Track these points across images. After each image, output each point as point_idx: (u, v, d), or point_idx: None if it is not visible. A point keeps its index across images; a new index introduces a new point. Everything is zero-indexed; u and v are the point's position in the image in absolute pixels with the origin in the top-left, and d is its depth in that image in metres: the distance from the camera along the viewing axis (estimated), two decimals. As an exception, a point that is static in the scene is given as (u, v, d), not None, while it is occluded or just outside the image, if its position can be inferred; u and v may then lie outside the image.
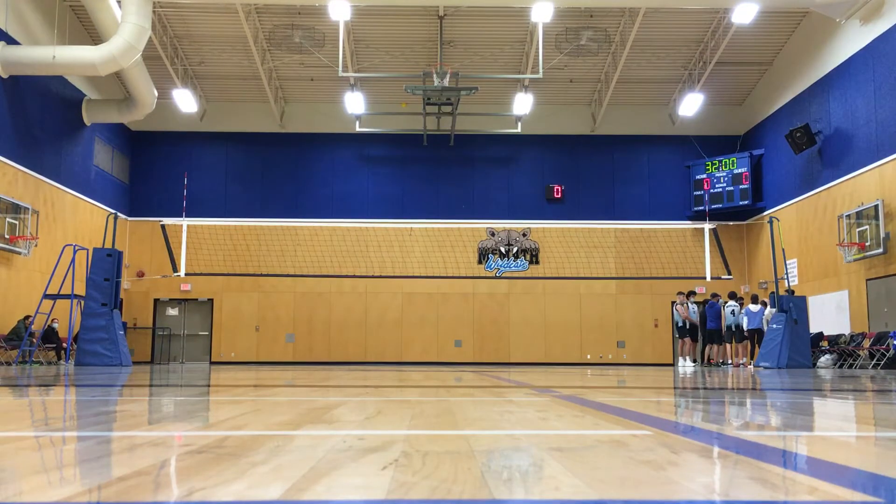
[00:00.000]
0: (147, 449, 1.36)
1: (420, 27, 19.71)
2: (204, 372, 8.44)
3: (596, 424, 1.88)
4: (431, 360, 21.48)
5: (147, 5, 16.04)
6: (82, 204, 19.56)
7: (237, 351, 21.72)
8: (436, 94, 18.58)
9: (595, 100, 22.50)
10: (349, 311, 22.02)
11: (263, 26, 19.51)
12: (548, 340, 21.96)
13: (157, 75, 19.69)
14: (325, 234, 20.61)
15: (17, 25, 16.64)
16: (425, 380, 5.24)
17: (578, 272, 20.28)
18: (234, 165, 22.51)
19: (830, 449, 1.48)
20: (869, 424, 2.02)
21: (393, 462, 1.14)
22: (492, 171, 22.67)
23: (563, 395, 3.14)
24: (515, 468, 1.15)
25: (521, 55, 20.83)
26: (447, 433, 1.61)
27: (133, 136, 22.37)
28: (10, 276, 16.41)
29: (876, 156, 16.23)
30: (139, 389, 4.00)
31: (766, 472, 1.11)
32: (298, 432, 1.59)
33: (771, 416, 2.30)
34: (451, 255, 20.99)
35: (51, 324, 15.38)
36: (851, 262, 16.95)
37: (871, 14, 16.36)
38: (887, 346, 14.66)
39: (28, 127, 17.11)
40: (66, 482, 1.02)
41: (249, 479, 1.00)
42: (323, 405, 2.44)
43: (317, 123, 22.58)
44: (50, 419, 2.09)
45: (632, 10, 18.60)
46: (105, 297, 13.29)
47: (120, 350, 13.10)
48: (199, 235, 19.06)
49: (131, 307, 21.65)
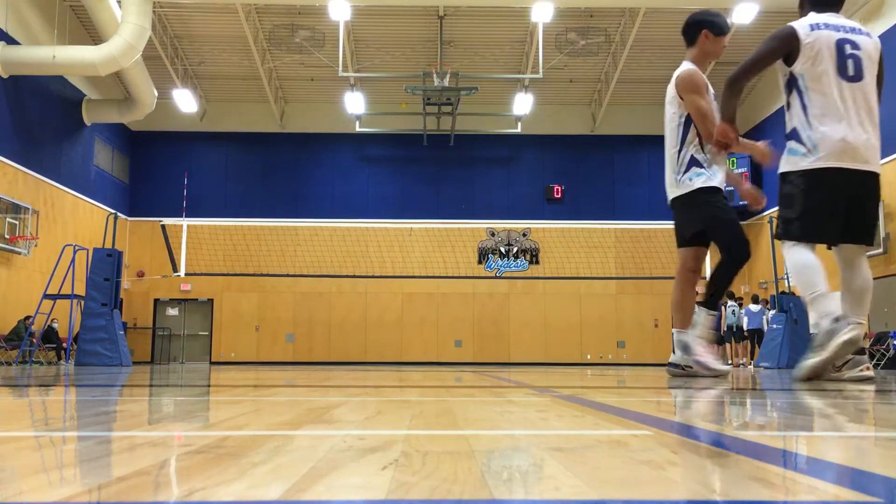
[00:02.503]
0: (147, 449, 1.36)
1: (420, 27, 19.72)
2: (204, 372, 8.45)
3: (596, 424, 1.88)
4: (431, 360, 21.49)
5: (147, 5, 16.05)
6: (82, 204, 19.56)
7: (237, 351, 21.73)
8: (436, 94, 18.59)
9: (595, 100, 22.51)
10: (349, 311, 22.02)
11: (263, 26, 19.51)
12: (548, 340, 21.96)
13: (157, 75, 19.70)
14: (325, 234, 20.61)
15: (17, 25, 16.64)
16: (425, 380, 5.25)
17: (578, 272, 20.28)
18: (234, 165, 22.51)
19: (830, 449, 1.49)
20: (869, 424, 2.03)
21: (393, 462, 1.14)
22: (492, 171, 22.68)
23: (563, 395, 3.15)
24: (515, 468, 1.15)
25: (521, 55, 20.83)
26: (447, 433, 1.61)
27: (133, 136, 22.37)
28: (10, 276, 16.41)
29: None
30: (139, 389, 4.01)
31: (766, 472, 1.11)
32: (298, 432, 1.59)
33: (771, 416, 2.30)
34: (451, 255, 21.00)
35: (51, 324, 15.38)
36: (851, 262, 16.96)
37: (871, 14, 16.37)
38: (887, 347, 14.67)
39: (28, 127, 17.12)
40: (66, 482, 1.02)
41: (249, 479, 1.00)
42: (323, 405, 2.44)
43: (317, 123, 22.59)
44: (50, 419, 2.09)
45: (632, 10, 18.61)
46: (105, 297, 13.29)
47: (120, 350, 13.10)
48: (199, 235, 19.06)
49: (131, 307, 21.66)
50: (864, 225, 4.32)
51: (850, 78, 4.20)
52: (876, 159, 4.21)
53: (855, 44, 4.26)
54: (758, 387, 4.37)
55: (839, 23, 4.34)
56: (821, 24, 4.31)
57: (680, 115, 4.95)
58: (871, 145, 4.19)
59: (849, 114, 4.16)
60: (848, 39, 4.26)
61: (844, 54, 4.22)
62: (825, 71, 4.22)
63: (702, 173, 4.85)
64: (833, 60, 4.22)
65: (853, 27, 4.35)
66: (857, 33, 4.32)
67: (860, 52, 4.24)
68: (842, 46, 4.23)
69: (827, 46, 4.24)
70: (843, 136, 4.14)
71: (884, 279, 15.99)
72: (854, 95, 4.20)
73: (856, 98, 4.20)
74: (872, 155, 4.18)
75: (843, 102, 4.18)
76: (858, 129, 4.16)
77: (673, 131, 4.96)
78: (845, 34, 4.27)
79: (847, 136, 4.14)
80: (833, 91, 4.20)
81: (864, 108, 4.19)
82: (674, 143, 4.94)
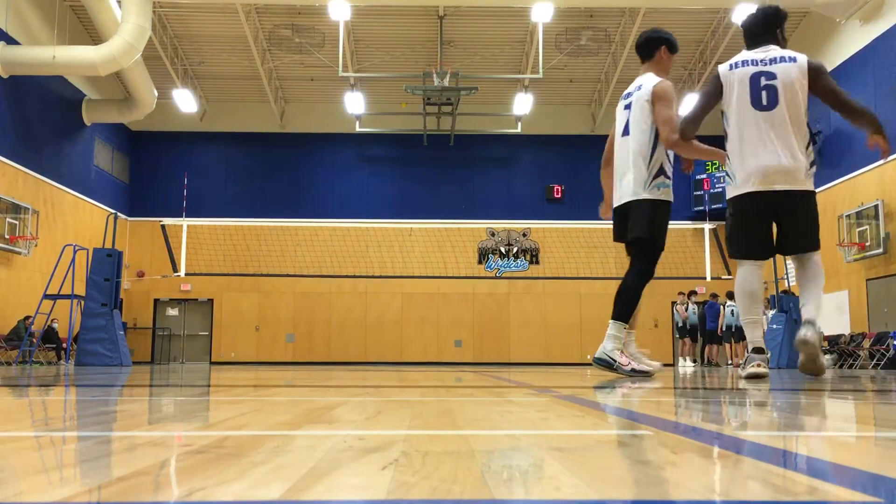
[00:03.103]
0: (147, 449, 1.36)
1: (420, 27, 19.72)
2: (204, 372, 8.45)
3: (596, 424, 1.88)
4: (431, 360, 21.49)
5: (147, 5, 16.05)
6: (82, 204, 19.56)
7: (237, 351, 21.73)
8: (436, 94, 18.59)
9: (595, 100, 22.50)
10: (349, 311, 22.02)
11: (263, 26, 19.51)
12: (548, 340, 21.96)
13: (157, 75, 19.70)
14: (325, 234, 20.60)
15: (17, 25, 16.64)
16: (425, 380, 5.25)
17: (578, 272, 20.28)
18: (234, 165, 22.51)
19: (830, 449, 1.49)
20: (869, 424, 2.03)
21: (393, 462, 1.14)
22: (492, 171, 22.68)
23: (562, 395, 3.15)
24: (515, 468, 1.15)
25: (521, 55, 20.83)
26: (447, 433, 1.61)
27: (133, 136, 22.37)
28: (10, 276, 16.41)
29: (876, 156, 16.12)
30: (139, 389, 4.01)
31: (767, 472, 1.11)
32: (298, 432, 1.59)
33: (771, 416, 2.30)
34: (451, 255, 20.99)
35: (51, 324, 15.38)
36: (851, 262, 16.96)
37: (871, 14, 16.37)
38: (887, 347, 14.66)
39: (28, 127, 17.12)
40: (66, 482, 1.02)
41: (249, 479, 1.00)
42: (323, 405, 2.44)
43: (317, 123, 22.59)
44: (50, 419, 2.09)
45: (632, 10, 18.61)
46: (105, 298, 13.28)
47: (120, 350, 13.10)
48: (199, 235, 19.06)
49: (131, 307, 21.66)
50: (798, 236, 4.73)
51: (764, 107, 4.60)
52: (796, 178, 4.58)
53: (771, 74, 4.64)
54: (759, 387, 4.38)
55: (760, 57, 4.74)
56: (740, 63, 4.78)
57: (652, 123, 5.36)
58: (790, 167, 4.57)
59: (765, 141, 4.58)
60: (763, 72, 4.66)
61: (759, 86, 4.63)
62: (741, 105, 4.68)
63: (667, 184, 5.31)
64: (747, 94, 4.66)
65: (776, 57, 4.70)
66: (777, 63, 4.68)
67: (776, 81, 4.62)
68: (756, 79, 4.65)
69: (740, 82, 4.69)
70: (759, 164, 4.58)
71: (884, 279, 15.99)
72: (771, 123, 4.58)
73: (773, 125, 4.58)
74: (792, 175, 4.57)
75: (759, 132, 4.59)
76: (775, 154, 4.56)
77: (643, 135, 5.34)
78: (763, 67, 4.68)
79: (763, 163, 4.57)
80: (749, 122, 4.63)
81: (782, 133, 4.57)
82: (644, 149, 5.32)
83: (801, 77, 4.64)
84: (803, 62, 4.68)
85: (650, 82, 5.44)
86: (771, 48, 4.78)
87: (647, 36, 5.65)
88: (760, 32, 4.87)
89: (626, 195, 5.38)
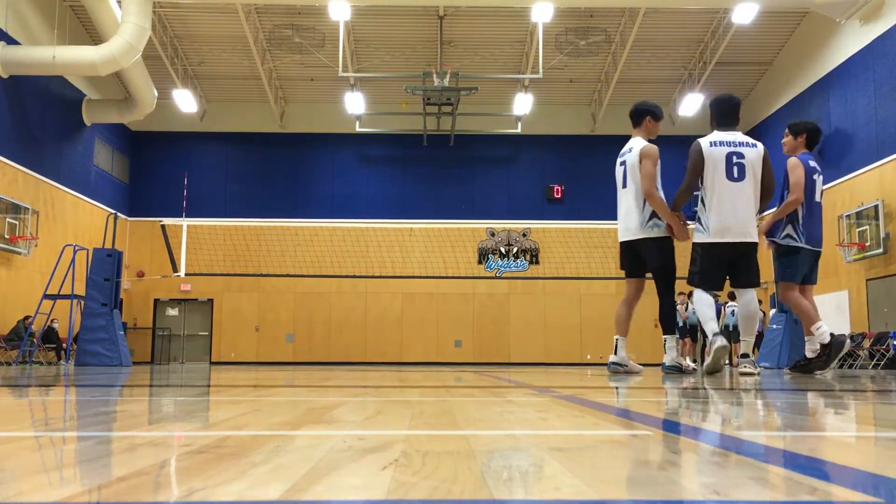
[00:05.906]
0: (147, 449, 1.36)
1: (420, 27, 19.72)
2: (204, 372, 8.45)
3: (596, 424, 1.88)
4: (431, 360, 21.49)
5: (147, 5, 16.05)
6: (82, 204, 19.56)
7: (237, 351, 21.73)
8: (436, 94, 18.58)
9: (595, 100, 22.50)
10: (349, 311, 22.02)
11: (263, 26, 19.51)
12: (548, 340, 21.96)
13: (157, 75, 19.69)
14: (325, 234, 20.59)
15: (17, 25, 16.64)
16: (425, 380, 5.25)
17: (578, 272, 20.27)
18: (234, 165, 22.51)
19: (830, 449, 1.48)
20: (869, 424, 2.03)
21: (393, 462, 1.14)
22: (492, 172, 22.68)
23: (562, 395, 3.15)
24: (515, 468, 1.15)
25: (521, 55, 20.83)
26: (447, 433, 1.61)
27: (133, 136, 22.38)
28: (10, 276, 16.41)
29: (876, 156, 16.23)
30: (139, 389, 4.01)
31: (766, 472, 1.11)
32: (298, 432, 1.59)
33: (771, 416, 2.30)
34: (451, 255, 20.99)
35: (51, 324, 15.38)
36: (851, 262, 16.96)
37: (871, 14, 16.36)
38: (887, 347, 14.66)
39: (28, 127, 17.12)
40: (66, 482, 1.02)
41: (250, 479, 1.00)
42: (323, 405, 2.44)
43: (317, 123, 22.59)
44: (50, 419, 2.09)
45: (632, 10, 18.61)
46: (105, 298, 13.29)
47: (120, 350, 13.10)
48: (199, 235, 19.05)
49: (131, 307, 21.66)
50: (746, 275, 6.25)
51: (734, 179, 6.05)
52: (750, 232, 6.10)
53: (741, 154, 6.10)
54: (757, 387, 4.38)
55: (732, 139, 6.16)
56: (717, 142, 6.17)
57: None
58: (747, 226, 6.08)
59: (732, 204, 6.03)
60: (736, 152, 6.10)
61: (732, 163, 6.07)
62: (717, 176, 6.06)
63: (660, 224, 6.59)
64: (723, 168, 6.05)
65: (742, 142, 6.17)
66: (745, 146, 6.13)
67: (745, 160, 6.09)
68: (730, 157, 6.09)
69: (720, 159, 6.08)
70: (725, 221, 6.04)
71: (884, 279, 15.99)
72: (739, 191, 6.04)
73: (741, 193, 6.04)
74: (748, 230, 6.09)
75: (730, 196, 6.04)
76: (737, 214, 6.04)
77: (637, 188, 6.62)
78: (735, 148, 6.12)
79: (728, 221, 6.04)
80: (722, 190, 6.04)
81: (744, 199, 6.05)
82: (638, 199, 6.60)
83: (758, 160, 6.14)
84: (761, 149, 6.19)
85: (639, 146, 6.64)
86: (737, 133, 6.21)
87: (636, 108, 6.84)
88: (731, 117, 6.29)
89: (629, 234, 6.68)
